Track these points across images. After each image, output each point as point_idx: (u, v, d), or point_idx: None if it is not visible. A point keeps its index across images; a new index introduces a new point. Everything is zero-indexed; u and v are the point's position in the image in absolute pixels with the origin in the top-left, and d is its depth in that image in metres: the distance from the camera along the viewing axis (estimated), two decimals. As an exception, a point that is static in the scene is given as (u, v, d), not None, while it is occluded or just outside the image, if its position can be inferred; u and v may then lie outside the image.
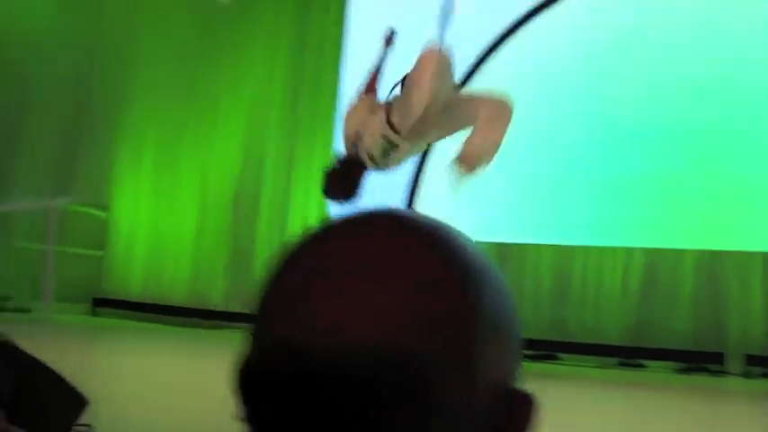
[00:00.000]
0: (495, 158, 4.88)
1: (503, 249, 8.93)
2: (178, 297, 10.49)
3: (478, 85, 8.13)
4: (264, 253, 10.09)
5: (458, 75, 5.56)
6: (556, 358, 8.54)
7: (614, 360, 8.38)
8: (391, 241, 0.69)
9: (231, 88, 10.74)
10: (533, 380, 0.84)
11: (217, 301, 10.18)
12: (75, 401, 2.00)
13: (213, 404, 4.95)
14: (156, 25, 11.28)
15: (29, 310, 9.66)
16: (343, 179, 5.19)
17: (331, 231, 0.72)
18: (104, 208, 11.16)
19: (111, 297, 10.76)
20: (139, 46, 11.34)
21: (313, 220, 9.83)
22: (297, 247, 0.72)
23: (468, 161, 4.78)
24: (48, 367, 2.04)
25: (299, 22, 10.43)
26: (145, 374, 5.89)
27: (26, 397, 1.87)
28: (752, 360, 7.95)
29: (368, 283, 0.66)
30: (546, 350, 8.57)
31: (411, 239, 0.69)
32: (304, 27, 10.40)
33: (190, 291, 10.50)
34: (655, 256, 8.43)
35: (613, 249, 8.53)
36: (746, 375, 7.88)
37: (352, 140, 5.18)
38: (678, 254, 8.32)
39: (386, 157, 5.12)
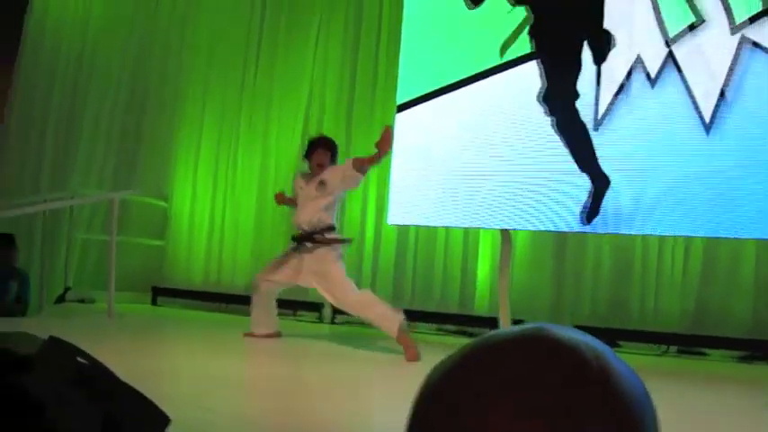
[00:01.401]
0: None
1: (561, 237, 8.93)
2: (239, 285, 10.59)
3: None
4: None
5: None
6: (617, 345, 8.53)
7: (674, 348, 8.35)
8: (553, 368, 0.71)
9: (287, 76, 10.78)
10: None
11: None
12: (156, 420, 2.03)
13: (274, 393, 5.03)
14: (211, 16, 11.36)
15: (93, 301, 9.80)
16: None
17: (496, 351, 0.74)
18: (165, 198, 11.28)
19: (172, 286, 10.88)
20: (196, 36, 11.44)
21: (371, 209, 9.86)
22: (462, 364, 0.74)
23: None
24: (128, 386, 2.07)
25: (355, 9, 10.44)
26: (205, 363, 5.94)
27: (106, 421, 1.90)
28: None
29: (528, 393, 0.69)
30: (606, 338, 8.56)
31: (573, 370, 0.72)
32: (360, 14, 10.40)
33: (250, 279, 10.58)
34: (715, 243, 8.35)
35: (674, 237, 8.46)
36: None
37: None
38: (739, 241, 8.23)
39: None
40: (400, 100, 8.76)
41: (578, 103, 7.52)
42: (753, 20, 6.80)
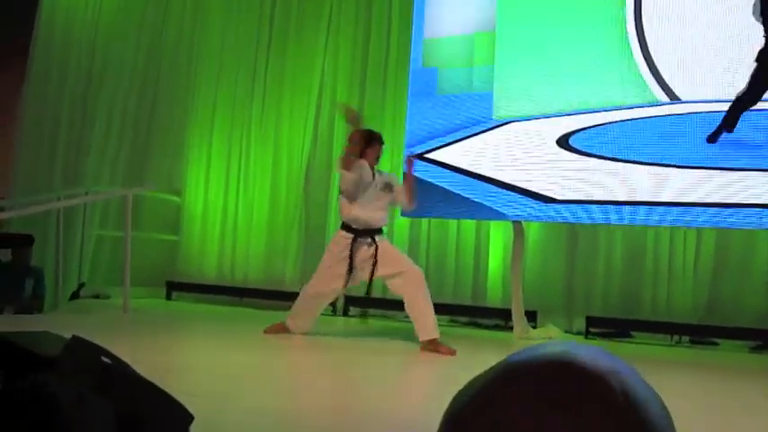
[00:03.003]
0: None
1: (575, 229, 8.96)
2: (252, 279, 10.63)
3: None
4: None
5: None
6: (629, 336, 8.56)
7: (686, 338, 8.38)
8: (570, 383, 0.75)
9: (297, 69, 10.80)
10: None
11: (291, 283, 10.28)
12: (180, 418, 2.07)
13: (288, 385, 5.06)
14: (222, 9, 11.38)
15: (108, 296, 9.84)
16: None
17: (520, 381, 0.78)
18: (178, 193, 11.32)
19: (186, 281, 10.92)
20: (206, 31, 11.46)
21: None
22: (484, 394, 0.78)
23: None
24: (151, 384, 2.11)
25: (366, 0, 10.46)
26: (224, 358, 5.97)
27: (129, 421, 1.93)
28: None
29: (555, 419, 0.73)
30: (619, 328, 8.59)
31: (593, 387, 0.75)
32: (370, 6, 10.41)
33: (264, 273, 10.62)
34: (726, 234, 8.38)
35: (685, 229, 8.49)
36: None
37: None
38: (751, 232, 8.26)
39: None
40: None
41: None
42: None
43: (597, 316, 8.70)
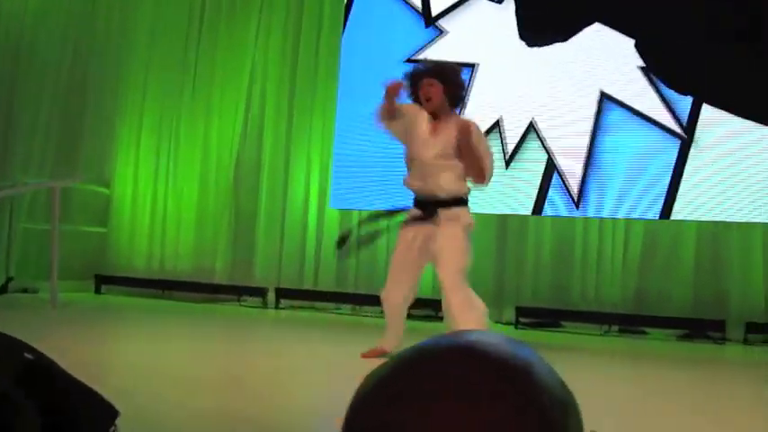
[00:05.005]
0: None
1: (504, 220, 9.03)
2: (182, 271, 10.55)
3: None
4: (266, 226, 10.16)
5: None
6: (559, 326, 8.64)
7: (616, 328, 8.48)
8: (473, 371, 0.75)
9: (227, 62, 10.72)
10: (537, 348, 0.91)
11: (221, 275, 10.25)
12: (105, 414, 2.04)
13: (218, 377, 5.04)
14: (150, 2, 11.26)
15: (36, 291, 9.71)
16: None
17: (424, 364, 0.78)
18: (107, 185, 11.19)
19: (115, 274, 10.81)
20: (136, 23, 11.33)
21: (314, 194, 9.89)
22: (386, 374, 0.78)
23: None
24: (75, 380, 2.07)
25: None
26: (150, 349, 5.94)
27: (54, 417, 1.90)
28: (752, 327, 8.05)
29: (455, 408, 0.72)
30: (549, 318, 8.67)
31: (493, 373, 0.75)
32: (301, 1, 10.37)
33: (193, 265, 10.55)
34: (655, 226, 8.52)
35: (613, 220, 8.61)
36: (747, 343, 8.00)
37: None
38: (678, 223, 8.40)
39: None
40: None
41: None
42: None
43: (527, 306, 8.77)
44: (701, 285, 8.37)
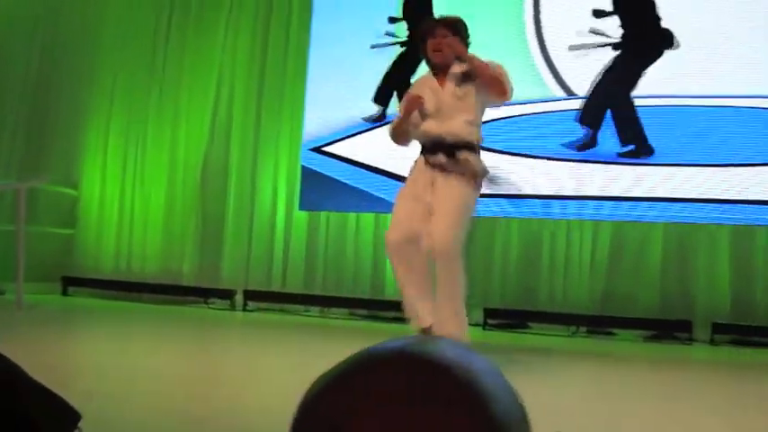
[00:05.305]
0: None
1: (472, 222, 9.03)
2: (149, 273, 10.50)
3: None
4: (234, 228, 10.14)
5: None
6: (527, 327, 8.66)
7: (584, 329, 8.51)
8: (423, 376, 0.75)
9: (195, 65, 10.69)
10: (505, 349, 0.91)
11: (188, 277, 10.22)
12: (66, 417, 2.02)
13: (184, 378, 5.02)
14: (119, 4, 11.20)
15: (2, 292, 9.63)
16: None
17: (371, 369, 0.77)
18: (74, 186, 11.13)
19: (82, 276, 10.73)
20: (104, 25, 11.27)
21: (281, 197, 9.88)
22: (339, 375, 0.77)
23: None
24: (35, 382, 2.06)
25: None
26: (116, 351, 5.91)
27: (12, 420, 1.88)
28: (718, 328, 8.11)
29: (404, 410, 0.72)
30: (516, 320, 8.69)
31: (443, 380, 0.75)
32: (270, 1, 10.35)
33: (161, 267, 10.51)
34: (622, 227, 8.57)
35: (581, 222, 8.65)
36: (713, 343, 8.05)
37: None
38: (646, 225, 8.45)
39: None
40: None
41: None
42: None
43: (494, 308, 8.78)
44: (667, 287, 8.43)
